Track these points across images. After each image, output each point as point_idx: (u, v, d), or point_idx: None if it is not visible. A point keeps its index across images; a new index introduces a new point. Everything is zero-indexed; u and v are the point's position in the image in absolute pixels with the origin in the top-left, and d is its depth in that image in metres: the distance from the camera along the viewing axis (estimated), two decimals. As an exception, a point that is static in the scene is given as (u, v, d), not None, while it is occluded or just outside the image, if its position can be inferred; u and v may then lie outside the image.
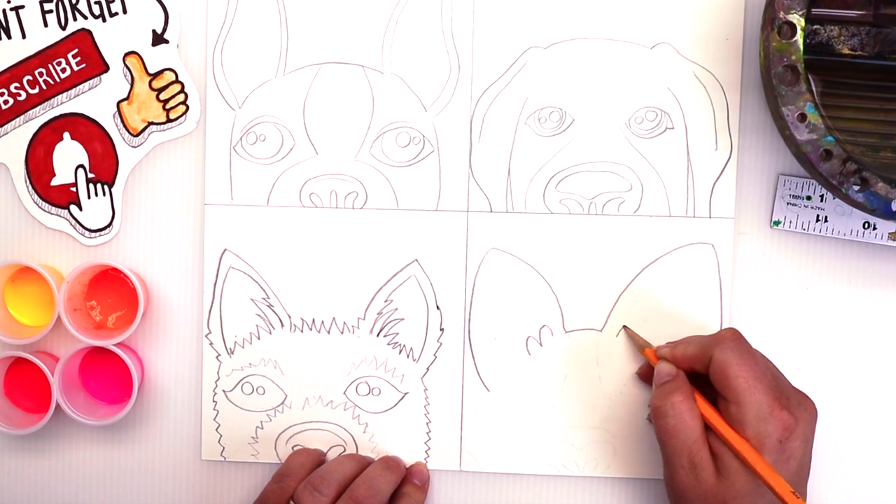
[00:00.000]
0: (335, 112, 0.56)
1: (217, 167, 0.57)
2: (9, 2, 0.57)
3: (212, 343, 0.58)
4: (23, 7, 0.57)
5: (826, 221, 0.54)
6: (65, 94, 0.58)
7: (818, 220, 0.54)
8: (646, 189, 0.55)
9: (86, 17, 0.57)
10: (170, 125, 0.57)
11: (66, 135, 0.58)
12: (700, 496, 0.48)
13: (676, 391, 0.50)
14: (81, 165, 0.58)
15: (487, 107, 0.56)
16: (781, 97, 0.48)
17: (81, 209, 0.58)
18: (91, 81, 0.57)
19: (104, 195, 0.58)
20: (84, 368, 0.59)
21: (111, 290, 0.58)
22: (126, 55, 0.57)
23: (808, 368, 0.55)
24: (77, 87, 0.57)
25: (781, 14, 0.48)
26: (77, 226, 0.58)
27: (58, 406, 0.56)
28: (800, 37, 0.48)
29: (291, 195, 0.57)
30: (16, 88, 0.58)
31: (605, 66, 0.55)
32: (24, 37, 0.57)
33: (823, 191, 0.54)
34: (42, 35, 0.57)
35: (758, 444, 0.47)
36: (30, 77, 0.58)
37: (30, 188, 0.58)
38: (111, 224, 0.58)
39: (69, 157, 0.58)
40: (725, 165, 0.55)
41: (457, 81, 0.56)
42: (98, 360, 0.59)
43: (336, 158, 0.56)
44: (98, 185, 0.58)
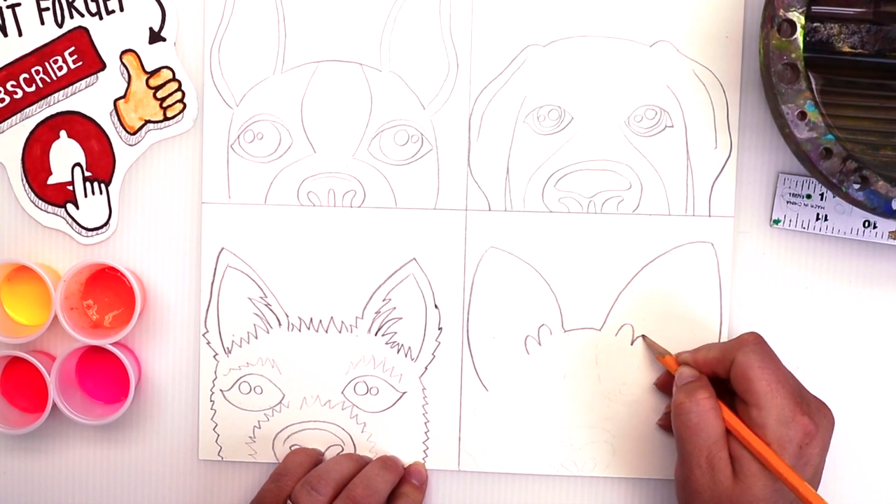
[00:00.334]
0: (333, 110, 0.56)
1: (214, 166, 0.57)
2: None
3: (209, 342, 0.57)
4: (19, 5, 0.57)
5: (826, 220, 0.54)
6: (61, 93, 0.57)
7: (818, 219, 0.54)
8: (645, 188, 0.55)
9: (82, 15, 0.57)
10: (167, 123, 0.57)
11: (63, 133, 0.58)
12: (715, 497, 0.48)
13: (701, 389, 0.49)
14: (78, 164, 0.58)
15: (486, 105, 0.56)
16: (781, 95, 0.48)
17: (78, 208, 0.58)
18: (88, 79, 0.57)
19: (101, 194, 0.58)
20: (81, 368, 0.59)
21: (108, 289, 0.58)
22: (123, 53, 0.57)
23: (808, 368, 0.55)
24: (74, 86, 0.57)
25: (781, 12, 0.48)
26: (74, 224, 0.58)
27: (54, 405, 0.56)
28: (800, 34, 0.48)
29: (289, 194, 0.56)
30: (12, 86, 0.57)
31: (605, 64, 0.55)
32: (21, 34, 0.57)
33: (823, 189, 0.54)
34: (39, 33, 0.57)
35: (778, 449, 0.47)
36: (26, 75, 0.57)
37: (26, 187, 0.58)
38: (108, 223, 0.58)
39: (66, 156, 0.58)
40: (725, 164, 0.55)
41: (455, 79, 0.56)
42: (95, 360, 0.59)
43: (334, 157, 0.56)
44: (95, 184, 0.58)
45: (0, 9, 0.57)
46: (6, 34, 0.57)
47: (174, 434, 0.58)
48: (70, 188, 0.58)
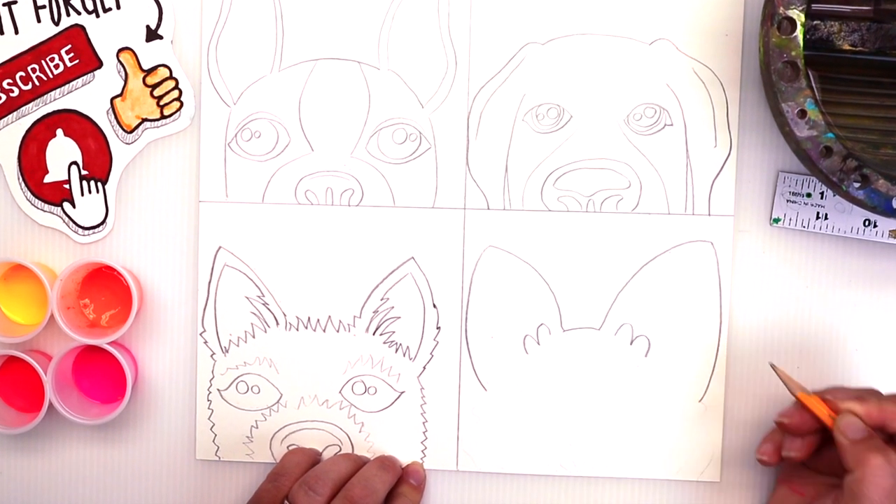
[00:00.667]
0: (331, 108, 0.56)
1: (212, 164, 0.57)
2: (1, -3, 0.57)
3: (206, 341, 0.57)
4: (15, 2, 0.57)
5: (826, 219, 0.54)
6: (58, 91, 0.57)
7: (818, 218, 0.54)
8: (644, 186, 0.55)
9: (79, 13, 0.57)
10: (164, 122, 0.57)
11: (60, 131, 0.57)
12: None
13: (879, 452, 0.44)
14: (75, 162, 0.57)
15: (485, 103, 0.55)
16: (781, 93, 0.48)
17: (75, 206, 0.57)
18: (84, 77, 0.57)
19: (98, 192, 0.57)
20: (77, 367, 0.59)
21: (105, 288, 0.58)
22: (120, 51, 0.57)
23: (808, 367, 0.55)
24: (70, 84, 0.57)
25: (781, 9, 0.47)
26: (70, 223, 0.58)
27: (51, 405, 0.56)
28: (800, 32, 0.47)
29: (287, 192, 0.56)
30: (8, 85, 0.57)
31: (604, 63, 0.55)
32: (17, 32, 0.57)
33: (823, 188, 0.53)
34: (35, 30, 0.57)
35: None
36: (22, 73, 0.57)
37: (22, 185, 0.58)
38: (105, 222, 0.57)
39: (62, 154, 0.57)
40: (725, 162, 0.54)
41: (454, 77, 0.55)
42: (91, 359, 0.58)
43: (332, 155, 0.56)
44: (91, 183, 0.57)
45: (-4, 6, 0.57)
46: (2, 32, 0.57)
47: (171, 434, 0.58)
48: (66, 187, 0.57)
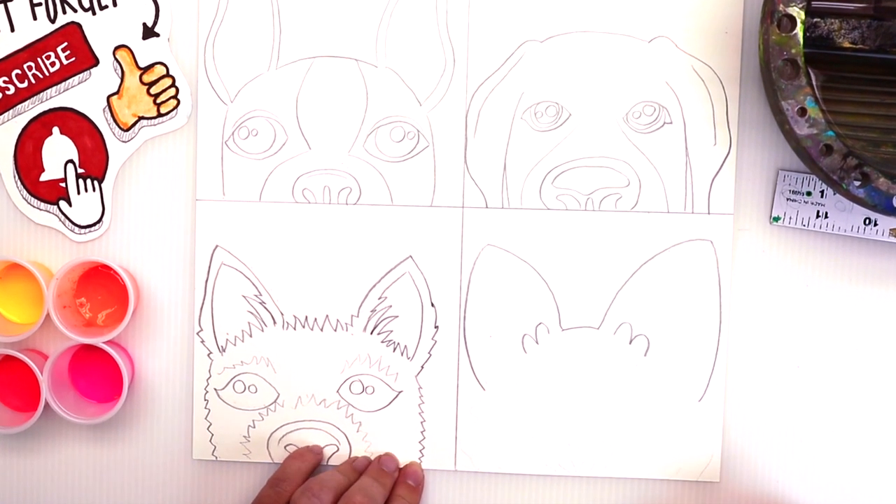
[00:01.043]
0: (328, 106, 0.56)
1: (208, 162, 0.56)
2: (-3, -6, 0.57)
3: (203, 341, 0.57)
4: (11, 0, 0.56)
5: (826, 217, 0.53)
6: (54, 89, 0.57)
7: (818, 216, 0.54)
8: (644, 185, 0.54)
9: (75, 10, 0.56)
10: (160, 120, 0.57)
11: (56, 129, 0.57)
12: None
13: None
14: (71, 161, 0.57)
15: (483, 101, 0.55)
16: (781, 91, 0.47)
17: (71, 205, 0.57)
18: (81, 75, 0.57)
19: (94, 191, 0.57)
20: (73, 366, 0.58)
21: (101, 287, 0.58)
22: (116, 49, 0.56)
23: (808, 366, 0.55)
24: (66, 82, 0.57)
25: (781, 7, 0.47)
26: (66, 222, 0.57)
27: (47, 404, 0.56)
28: (800, 30, 0.47)
29: (284, 191, 0.56)
30: (4, 82, 0.57)
31: (603, 60, 0.54)
32: (13, 30, 0.57)
33: (824, 186, 0.53)
34: (31, 28, 0.57)
35: None
36: (18, 71, 0.57)
37: (18, 184, 0.57)
38: (101, 220, 0.57)
39: (58, 153, 0.57)
40: (724, 161, 0.54)
41: (452, 75, 0.55)
42: (88, 358, 0.58)
43: (329, 153, 0.56)
44: (88, 181, 0.57)
45: (-8, 4, 0.57)
46: (-2, 29, 0.57)
47: (168, 433, 0.58)
48: (63, 185, 0.57)
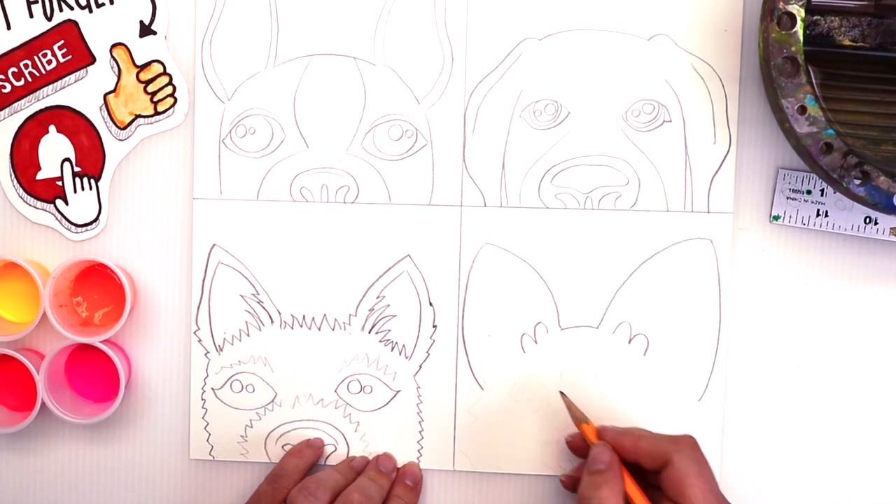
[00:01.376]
0: (326, 105, 0.55)
1: (206, 161, 0.56)
2: (-7, -8, 0.56)
3: (200, 340, 0.57)
4: (7, -3, 0.56)
5: (826, 216, 0.53)
6: (50, 87, 0.57)
7: (818, 215, 0.53)
8: (643, 183, 0.54)
9: (72, 8, 0.56)
10: (157, 118, 0.56)
11: (52, 128, 0.57)
12: None
13: (605, 485, 0.48)
14: (67, 159, 0.57)
15: (481, 99, 0.55)
16: (781, 89, 0.47)
17: (67, 203, 0.57)
18: (77, 73, 0.56)
19: (91, 189, 0.57)
20: (70, 366, 0.58)
21: (98, 286, 0.57)
22: (113, 46, 0.56)
23: (808, 366, 0.54)
24: (63, 80, 0.57)
25: (781, 4, 0.47)
26: (63, 220, 0.57)
27: (43, 404, 0.56)
28: (800, 28, 0.47)
29: (281, 189, 0.56)
30: (1, 80, 0.57)
31: (602, 58, 0.54)
32: (10, 28, 0.56)
33: (824, 185, 0.53)
34: (27, 26, 0.56)
35: None
36: (15, 69, 0.57)
37: (15, 182, 0.57)
38: (98, 219, 0.57)
39: (55, 151, 0.57)
40: (724, 159, 0.54)
41: (450, 73, 0.55)
42: (84, 358, 0.58)
43: (327, 152, 0.55)
44: (84, 179, 0.57)
45: (-12, 2, 0.56)
46: (-6, 27, 0.57)
47: (165, 433, 0.58)
48: (59, 184, 0.57)
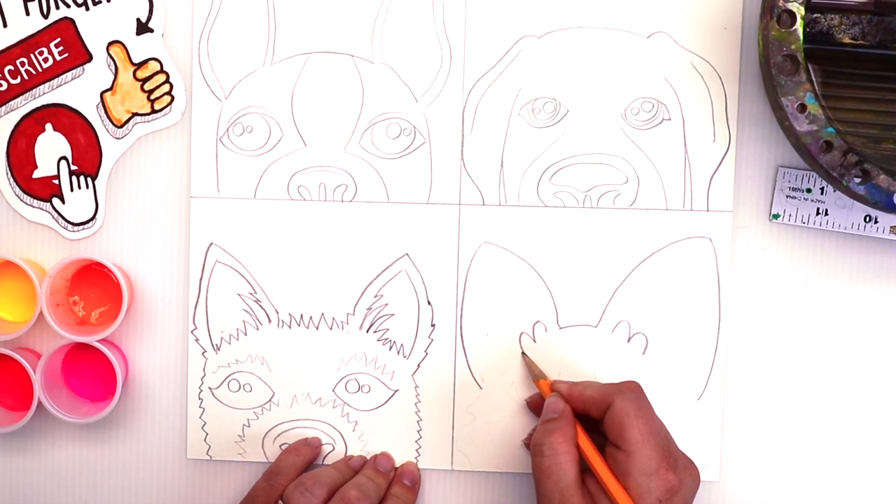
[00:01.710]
0: (324, 103, 0.55)
1: (203, 159, 0.56)
2: (-11, -11, 0.56)
3: (198, 339, 0.56)
4: (4, -5, 0.56)
5: (826, 215, 0.53)
6: (47, 85, 0.56)
7: (818, 214, 0.53)
8: (642, 182, 0.54)
9: (68, 6, 0.56)
10: (155, 116, 0.56)
11: (49, 126, 0.57)
12: None
13: (557, 431, 0.48)
14: (64, 157, 0.57)
15: (480, 97, 0.55)
16: (781, 87, 0.47)
17: (64, 202, 0.57)
18: (74, 71, 0.56)
19: (87, 188, 0.57)
20: (67, 365, 0.58)
21: (94, 285, 0.57)
22: (110, 44, 0.56)
23: (808, 365, 0.54)
24: (59, 78, 0.56)
25: (781, 2, 0.47)
26: (59, 219, 0.57)
27: (40, 403, 0.55)
28: (800, 25, 0.47)
29: (279, 188, 0.56)
30: (-3, 78, 0.57)
31: (601, 56, 0.54)
32: (6, 25, 0.56)
33: (824, 183, 0.53)
34: (24, 24, 0.56)
35: (637, 497, 0.46)
36: (11, 67, 0.56)
37: (11, 181, 0.57)
38: (94, 217, 0.57)
39: (51, 149, 0.57)
40: (723, 157, 0.54)
41: (448, 71, 0.55)
42: (81, 357, 0.58)
43: (325, 150, 0.55)
44: (81, 178, 0.57)
45: (-16, -1, 0.56)
46: (-9, 25, 0.56)
47: (162, 433, 0.57)
48: (56, 182, 0.57)
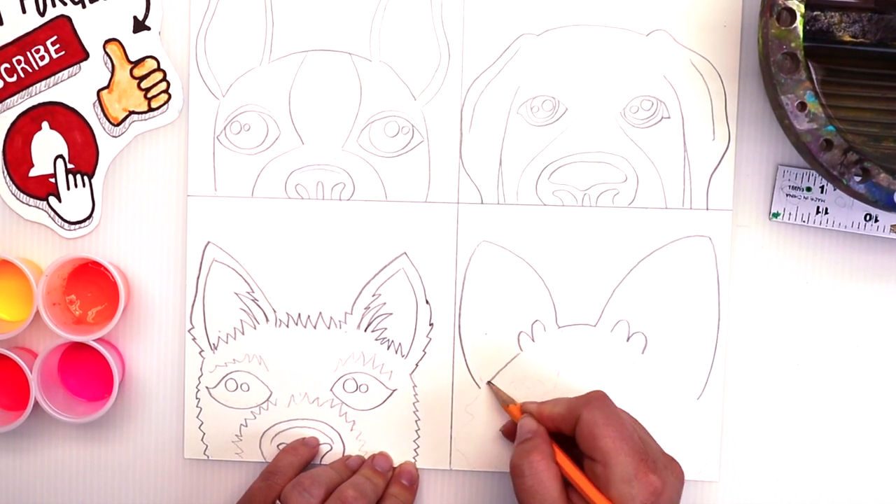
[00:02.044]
0: (322, 101, 0.55)
1: (200, 157, 0.56)
2: (-15, -13, 0.56)
3: (195, 338, 0.56)
4: (0, -8, 0.56)
5: (826, 213, 0.53)
6: (43, 83, 0.56)
7: (818, 212, 0.53)
8: (641, 180, 0.54)
9: (65, 3, 0.56)
10: (151, 114, 0.56)
11: (45, 124, 0.56)
12: None
13: (534, 450, 0.48)
14: (60, 156, 0.56)
15: (478, 96, 0.54)
16: (781, 85, 0.47)
17: (61, 201, 0.57)
18: (70, 69, 0.56)
19: (84, 186, 0.56)
20: (63, 364, 0.58)
21: (91, 284, 0.57)
22: (106, 42, 0.56)
23: (808, 364, 0.54)
24: (56, 76, 0.56)
25: (781, 0, 0.47)
26: (56, 218, 0.57)
27: (36, 403, 0.55)
28: (799, 23, 0.47)
29: (277, 186, 0.55)
30: (-7, 76, 0.56)
31: (600, 54, 0.54)
32: (2, 23, 0.56)
33: (824, 182, 0.53)
34: (20, 21, 0.56)
35: None
36: (7, 65, 0.56)
37: (7, 179, 0.57)
38: (91, 216, 0.57)
39: (48, 148, 0.56)
40: (723, 156, 0.54)
41: (447, 69, 0.54)
42: (78, 356, 0.58)
43: (323, 149, 0.55)
44: (78, 176, 0.56)
45: (-19, -3, 0.56)
46: (-13, 23, 0.56)
47: (159, 432, 0.57)
48: (52, 181, 0.56)
